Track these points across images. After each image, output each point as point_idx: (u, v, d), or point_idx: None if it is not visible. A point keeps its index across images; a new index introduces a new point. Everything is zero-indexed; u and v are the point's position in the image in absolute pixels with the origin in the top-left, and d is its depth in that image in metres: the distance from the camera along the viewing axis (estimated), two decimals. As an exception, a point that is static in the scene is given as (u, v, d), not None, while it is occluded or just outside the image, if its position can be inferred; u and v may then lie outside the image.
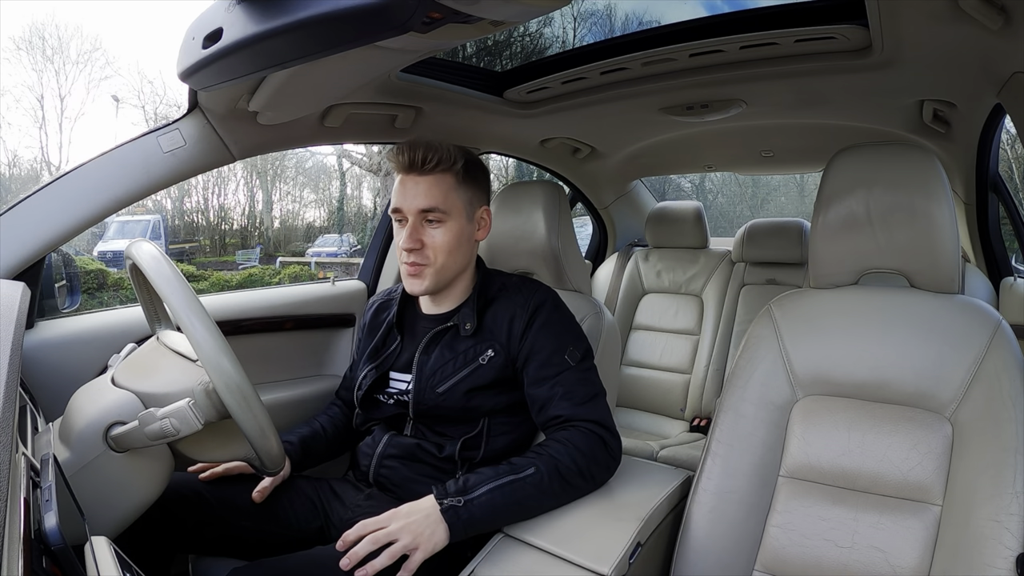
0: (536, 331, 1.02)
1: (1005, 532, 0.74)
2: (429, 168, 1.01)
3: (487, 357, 1.02)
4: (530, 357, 1.01)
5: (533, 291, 1.07)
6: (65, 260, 1.28)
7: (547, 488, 0.89)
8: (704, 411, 2.13)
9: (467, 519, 0.85)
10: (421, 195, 1.01)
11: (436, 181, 1.01)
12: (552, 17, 1.43)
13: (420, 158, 1.00)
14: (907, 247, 0.94)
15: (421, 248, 1.01)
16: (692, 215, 2.34)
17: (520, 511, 0.89)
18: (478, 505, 0.86)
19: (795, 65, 1.23)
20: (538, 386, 0.99)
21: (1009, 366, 0.83)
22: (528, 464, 0.90)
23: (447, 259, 1.03)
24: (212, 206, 16.04)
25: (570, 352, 1.01)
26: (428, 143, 1.01)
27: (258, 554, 0.95)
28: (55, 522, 0.48)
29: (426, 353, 1.06)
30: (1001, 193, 1.64)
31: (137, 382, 0.78)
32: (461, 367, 1.03)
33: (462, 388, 1.01)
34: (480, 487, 0.87)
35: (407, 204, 1.01)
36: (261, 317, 1.43)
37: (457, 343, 1.05)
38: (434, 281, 1.04)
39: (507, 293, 1.08)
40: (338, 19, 0.55)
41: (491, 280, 1.12)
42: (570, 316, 1.08)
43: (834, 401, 0.94)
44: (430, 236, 1.02)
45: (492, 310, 1.06)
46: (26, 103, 17.44)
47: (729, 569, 0.91)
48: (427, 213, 1.01)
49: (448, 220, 1.02)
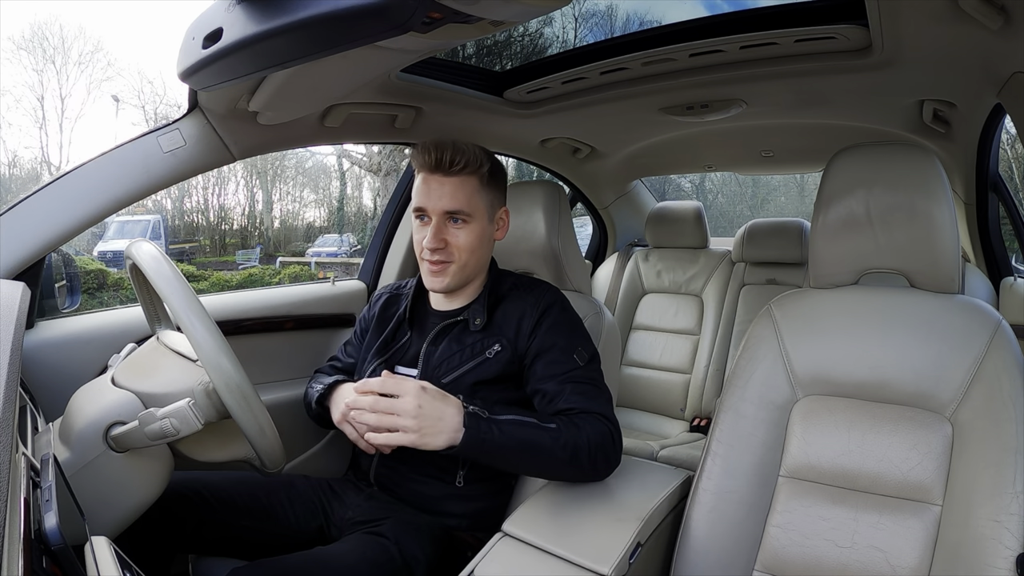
0: (545, 330, 1.03)
1: (1005, 532, 0.74)
2: (456, 170, 1.01)
3: (494, 351, 1.03)
4: (539, 355, 1.01)
5: (544, 291, 1.09)
6: (65, 260, 1.28)
7: (560, 449, 0.89)
8: (704, 411, 2.13)
9: (485, 432, 0.86)
10: (447, 196, 1.01)
11: (462, 183, 1.02)
12: (552, 17, 1.43)
13: (448, 159, 1.00)
14: (907, 247, 0.94)
15: (445, 247, 1.02)
16: (692, 215, 2.34)
17: (530, 458, 0.90)
18: (499, 424, 0.87)
19: (795, 65, 1.23)
20: (547, 381, 1.00)
21: (1009, 366, 0.83)
22: (551, 421, 0.92)
23: (470, 258, 1.04)
24: (212, 206, 16.04)
25: (579, 352, 1.02)
26: (455, 144, 1.01)
27: (258, 554, 0.95)
28: (55, 522, 0.48)
29: (434, 344, 1.07)
30: (1001, 193, 1.64)
31: (137, 382, 0.78)
32: (468, 359, 1.04)
33: (468, 380, 1.02)
34: (505, 415, 0.90)
35: (432, 204, 1.02)
36: (261, 317, 1.43)
37: (465, 336, 1.06)
38: (457, 279, 1.05)
39: (518, 292, 1.09)
40: (338, 19, 0.55)
41: (503, 279, 1.13)
42: (578, 319, 1.09)
43: (834, 401, 0.94)
44: (454, 236, 1.03)
45: (503, 307, 1.07)
46: (27, 103, 17.45)
47: (729, 569, 0.91)
48: (452, 214, 1.02)
49: (472, 221, 1.03)
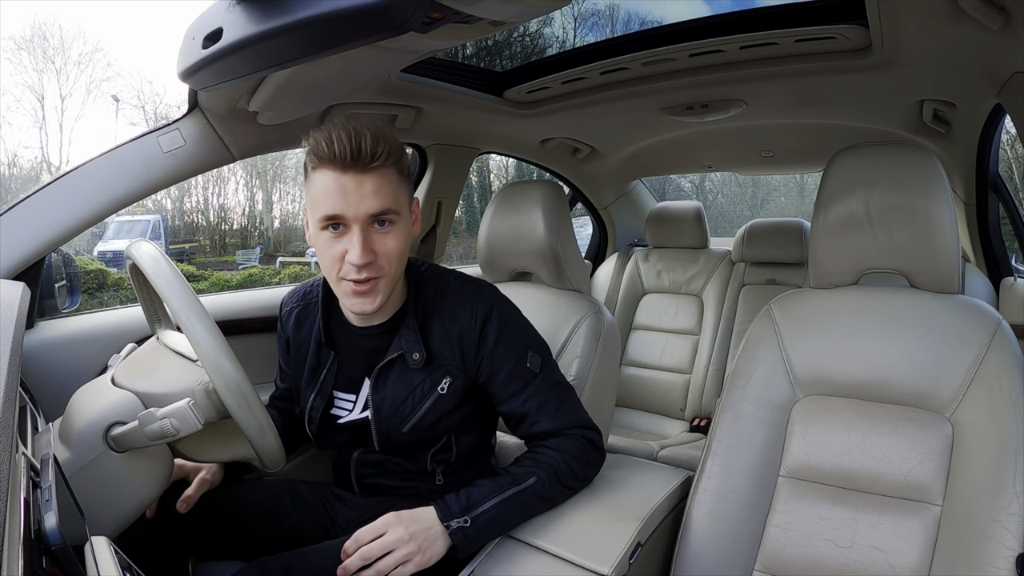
0: (491, 348, 0.93)
1: (1005, 532, 0.74)
2: (378, 163, 0.82)
3: (446, 385, 0.94)
4: (492, 375, 0.94)
5: (475, 300, 0.95)
6: (65, 260, 1.28)
7: (547, 495, 0.90)
8: (704, 411, 2.14)
9: (475, 537, 0.84)
10: (369, 196, 0.82)
11: (384, 178, 0.83)
12: (552, 17, 1.43)
13: (368, 151, 0.80)
14: (907, 247, 0.93)
15: (374, 260, 0.84)
16: (692, 215, 2.34)
17: (528, 513, 0.89)
18: (485, 521, 0.85)
19: (795, 65, 1.23)
20: (509, 403, 0.95)
21: (1009, 366, 0.83)
22: (528, 474, 0.89)
23: (399, 267, 0.89)
24: (212, 206, 16.04)
25: (531, 359, 0.95)
26: (373, 130, 0.82)
27: (261, 556, 0.95)
28: (55, 522, 0.48)
29: (378, 392, 0.95)
30: (1001, 193, 1.64)
31: (137, 382, 0.78)
32: (421, 400, 0.94)
33: (427, 421, 0.95)
34: (484, 502, 0.85)
35: (352, 209, 0.82)
36: (261, 317, 1.43)
37: (409, 375, 0.94)
38: (387, 293, 0.89)
39: (447, 303, 0.95)
40: (338, 19, 0.55)
41: (424, 283, 0.97)
42: (519, 319, 0.99)
43: (834, 401, 0.94)
44: (382, 243, 0.85)
45: (435, 329, 0.94)
46: (27, 103, 17.45)
47: (729, 569, 0.91)
48: (378, 217, 0.84)
49: (399, 221, 0.86)
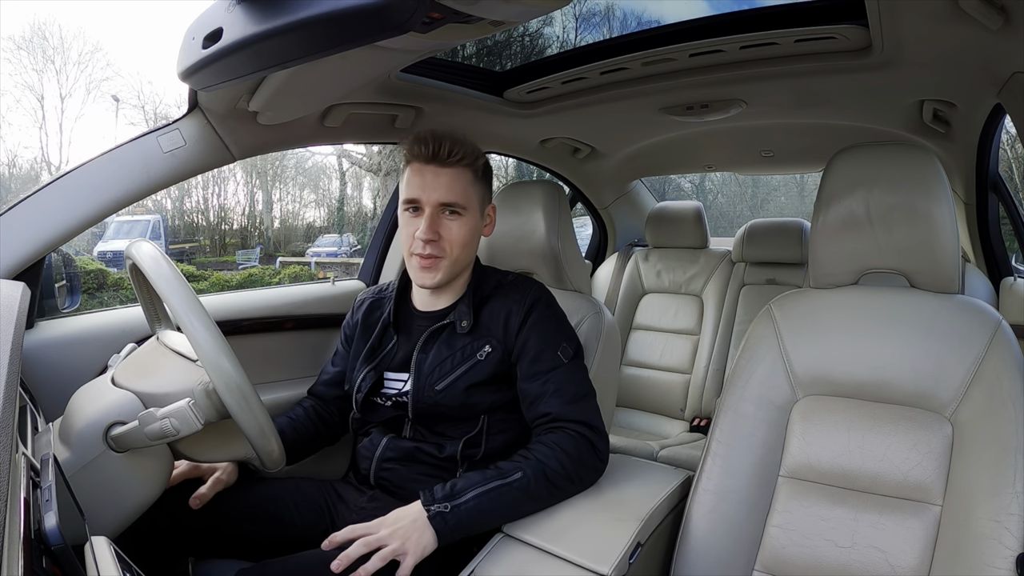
0: (530, 327, 1.02)
1: (1005, 532, 0.74)
2: (453, 161, 1.00)
3: (485, 353, 1.03)
4: (524, 352, 1.01)
5: (528, 288, 1.08)
6: (65, 260, 1.28)
7: (534, 492, 0.90)
8: (704, 411, 2.13)
9: (454, 524, 0.85)
10: (443, 187, 1.00)
11: (458, 175, 1.01)
12: (552, 17, 1.43)
13: (446, 151, 0.99)
14: (907, 247, 0.94)
15: (438, 240, 1.00)
16: (692, 215, 2.34)
17: (507, 515, 0.90)
18: (465, 511, 0.86)
19: (795, 65, 1.23)
20: (530, 381, 1.00)
21: (1009, 366, 0.83)
22: (515, 468, 0.91)
23: (461, 252, 1.03)
24: (212, 206, 16.06)
25: (563, 349, 1.02)
26: (452, 136, 1.01)
27: (263, 557, 0.95)
28: (55, 522, 0.48)
29: (424, 351, 1.05)
30: (1001, 193, 1.64)
31: (137, 382, 0.78)
32: (460, 363, 1.03)
33: (461, 384, 1.01)
34: (467, 492, 0.88)
35: (427, 195, 1.00)
36: (261, 317, 1.43)
37: (454, 340, 1.05)
38: (447, 274, 1.03)
39: (503, 290, 1.08)
40: (338, 19, 0.55)
41: (486, 277, 1.11)
42: (563, 315, 1.09)
43: (834, 401, 0.94)
44: (447, 228, 1.01)
45: (488, 307, 1.06)
46: (26, 103, 17.47)
47: (729, 569, 0.91)
48: (447, 206, 1.01)
49: (466, 214, 1.02)
